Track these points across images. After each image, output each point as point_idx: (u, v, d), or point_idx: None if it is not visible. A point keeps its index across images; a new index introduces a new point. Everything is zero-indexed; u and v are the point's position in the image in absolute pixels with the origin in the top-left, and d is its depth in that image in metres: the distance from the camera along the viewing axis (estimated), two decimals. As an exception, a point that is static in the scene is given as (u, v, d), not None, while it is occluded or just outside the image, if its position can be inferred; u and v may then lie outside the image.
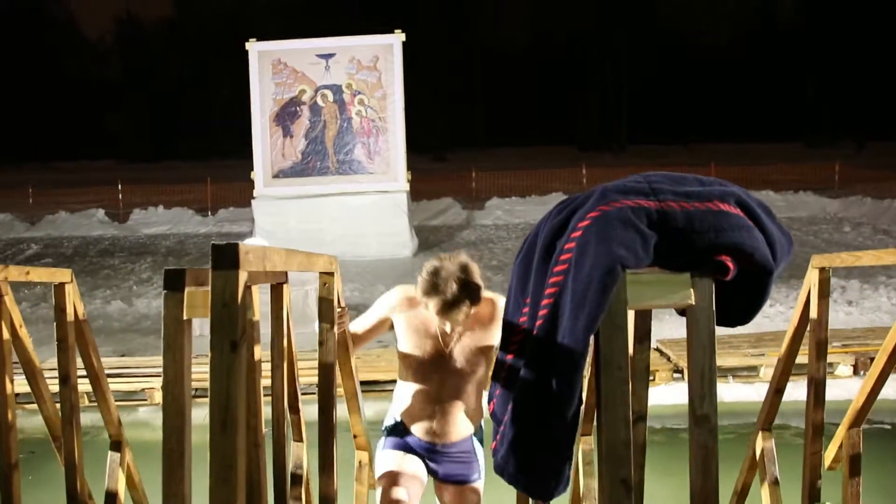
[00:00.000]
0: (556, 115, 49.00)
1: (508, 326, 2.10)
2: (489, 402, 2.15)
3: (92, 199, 21.81)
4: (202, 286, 1.74)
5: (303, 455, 2.99)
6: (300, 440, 3.00)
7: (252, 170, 15.12)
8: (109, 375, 7.41)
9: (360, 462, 3.78)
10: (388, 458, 3.36)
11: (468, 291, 3.04)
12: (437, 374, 3.24)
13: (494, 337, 3.21)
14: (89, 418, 5.87)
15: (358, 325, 3.39)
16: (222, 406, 1.55)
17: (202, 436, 1.69)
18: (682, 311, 1.85)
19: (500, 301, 3.21)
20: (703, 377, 1.71)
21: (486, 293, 3.20)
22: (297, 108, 14.91)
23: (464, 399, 3.29)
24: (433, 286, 3.04)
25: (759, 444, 3.21)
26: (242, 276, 1.60)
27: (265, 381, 2.35)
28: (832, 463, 3.32)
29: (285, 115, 14.92)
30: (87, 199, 21.83)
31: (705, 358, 1.72)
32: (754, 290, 1.85)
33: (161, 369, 1.97)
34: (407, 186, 14.99)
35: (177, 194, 22.10)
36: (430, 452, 3.35)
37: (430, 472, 3.38)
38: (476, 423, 3.40)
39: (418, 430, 3.34)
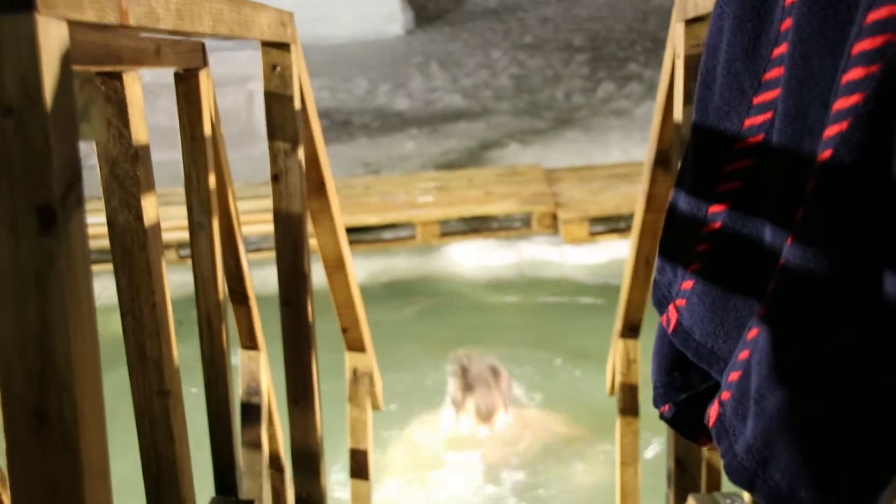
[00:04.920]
0: None
1: (706, 140, 0.93)
2: (662, 305, 0.96)
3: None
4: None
5: (260, 371, 1.71)
6: (254, 347, 1.71)
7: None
8: None
9: (354, 371, 2.34)
10: None
11: (502, 386, 3.20)
12: None
13: None
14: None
15: None
16: (31, 381, 0.54)
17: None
18: None
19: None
20: None
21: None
22: None
23: None
24: (466, 385, 3.18)
25: None
26: (52, 31, 0.56)
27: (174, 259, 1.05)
28: None
29: None
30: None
31: None
32: None
33: None
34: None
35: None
36: None
37: None
38: None
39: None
